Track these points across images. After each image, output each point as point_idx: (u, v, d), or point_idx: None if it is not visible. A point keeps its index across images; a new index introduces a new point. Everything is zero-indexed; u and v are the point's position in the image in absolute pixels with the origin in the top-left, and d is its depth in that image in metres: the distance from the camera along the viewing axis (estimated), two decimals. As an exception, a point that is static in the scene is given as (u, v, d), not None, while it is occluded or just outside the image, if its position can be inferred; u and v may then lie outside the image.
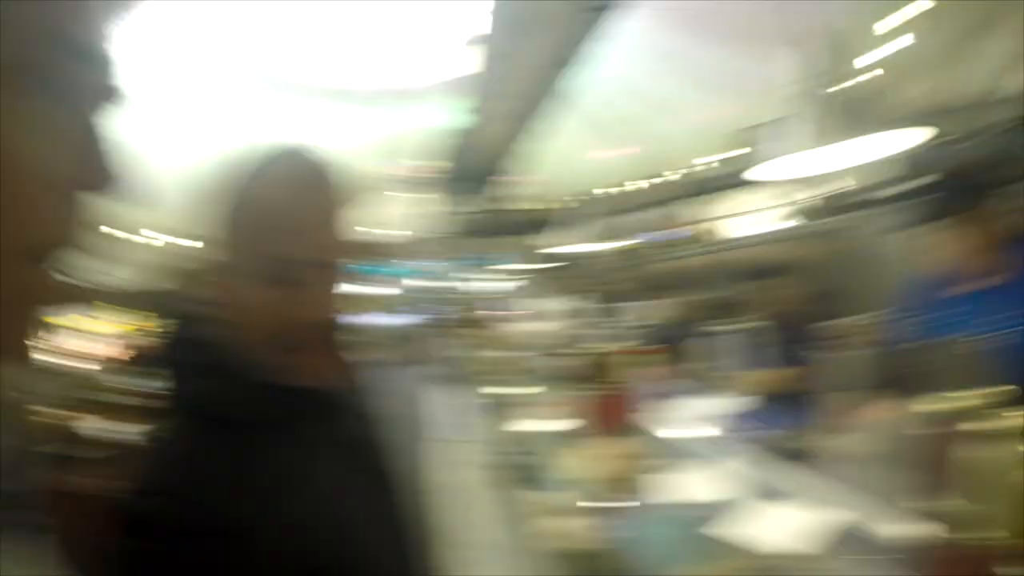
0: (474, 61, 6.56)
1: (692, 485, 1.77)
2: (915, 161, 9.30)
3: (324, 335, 0.86)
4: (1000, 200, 1.87)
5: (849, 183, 11.54)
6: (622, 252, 12.15)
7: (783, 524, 1.41)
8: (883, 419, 3.15)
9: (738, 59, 13.73)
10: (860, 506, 1.39)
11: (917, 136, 1.56)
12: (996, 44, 11.07)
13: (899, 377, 2.13)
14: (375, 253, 17.43)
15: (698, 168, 14.18)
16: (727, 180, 13.15)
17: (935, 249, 1.95)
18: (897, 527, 1.25)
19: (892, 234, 2.13)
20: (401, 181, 19.73)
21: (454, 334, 8.03)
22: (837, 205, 9.43)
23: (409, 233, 17.30)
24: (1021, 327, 1.76)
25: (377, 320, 18.06)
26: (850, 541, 1.36)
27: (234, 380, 0.83)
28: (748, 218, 13.04)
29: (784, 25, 1.67)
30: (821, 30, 1.59)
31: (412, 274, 20.95)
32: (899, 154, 1.81)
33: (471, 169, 8.96)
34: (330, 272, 0.85)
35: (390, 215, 18.62)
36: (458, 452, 5.51)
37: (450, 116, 9.82)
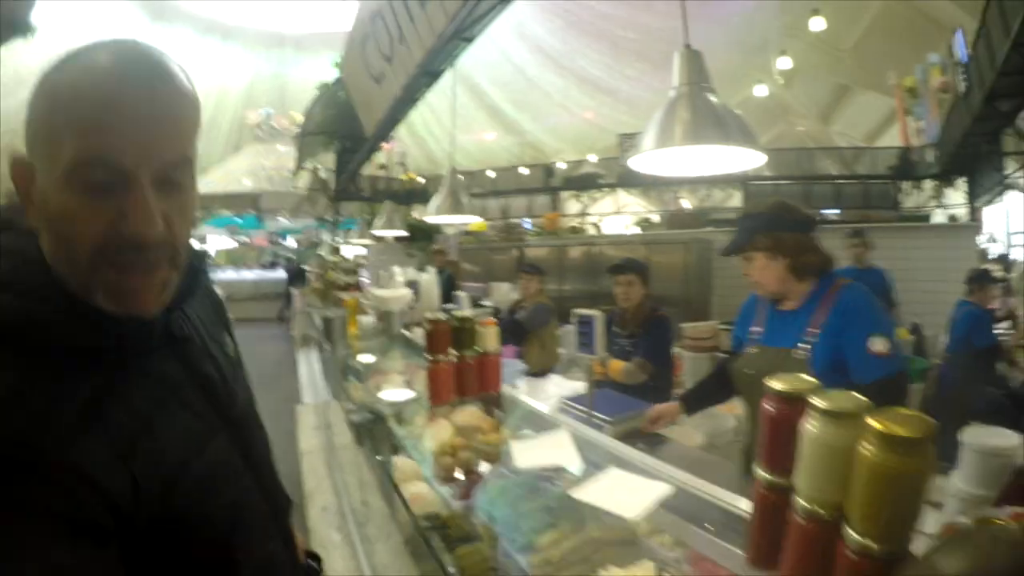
0: (355, 17, 6.33)
1: (541, 453, 1.86)
2: (755, 192, 9.96)
3: (155, 257, 0.72)
4: (801, 237, 2.16)
5: (706, 201, 12.33)
6: (489, 232, 12.28)
7: (624, 490, 1.53)
8: (722, 414, 3.45)
9: (624, 67, 14.28)
10: (696, 479, 1.53)
11: (759, 159, 1.75)
12: (873, 102, 12.16)
13: (731, 380, 2.40)
14: (233, 204, 16.61)
15: (574, 164, 14.58)
16: (601, 179, 13.65)
17: (752, 271, 2.22)
18: (731, 500, 1.41)
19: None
20: (265, 130, 18.91)
21: (317, 294, 7.80)
22: (692, 219, 10.05)
23: (270, 187, 16.63)
24: (810, 344, 2.04)
25: (235, 276, 17.25)
26: (686, 509, 1.50)
27: (50, 302, 0.71)
28: (615, 218, 13.60)
29: (670, 40, 1.80)
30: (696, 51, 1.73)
31: (271, 230, 20.22)
32: (739, 174, 2.03)
33: (342, 129, 8.68)
34: (163, 182, 0.72)
35: (251, 165, 17.80)
36: (319, 415, 5.43)
37: (327, 70, 9.49)
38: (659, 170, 1.89)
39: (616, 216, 13.51)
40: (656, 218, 11.45)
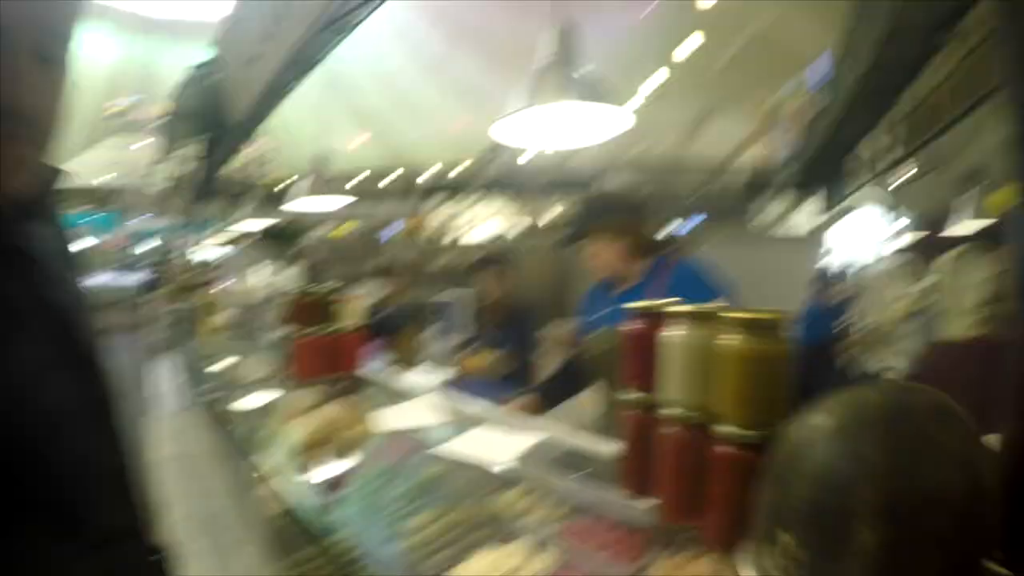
0: (230, 5, 6.13)
1: (406, 415, 1.81)
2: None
3: (16, 127, 0.67)
4: (635, 220, 2.28)
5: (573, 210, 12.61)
6: (355, 234, 12.09)
7: (492, 444, 1.51)
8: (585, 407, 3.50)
9: (503, 77, 14.41)
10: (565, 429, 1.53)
11: (626, 121, 1.80)
12: (735, 124, 12.85)
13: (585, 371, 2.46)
14: (89, 200, 15.51)
15: (444, 170, 14.64)
16: (471, 186, 13.77)
17: (590, 258, 2.32)
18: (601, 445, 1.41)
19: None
20: (129, 121, 17.73)
21: (174, 298, 7.39)
22: (560, 228, 10.29)
23: (130, 182, 15.67)
24: None
25: (92, 279, 15.92)
26: (553, 458, 1.49)
27: None
28: (484, 225, 13.71)
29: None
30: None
31: (130, 230, 18.92)
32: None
33: (210, 118, 8.32)
34: (36, 53, 0.67)
35: (110, 159, 16.67)
36: (175, 423, 5.14)
37: (196, 60, 9.10)
38: (524, 140, 1.92)
39: (485, 223, 13.65)
40: (525, 225, 11.64)
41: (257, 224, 6.54)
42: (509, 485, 1.54)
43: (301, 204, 3.78)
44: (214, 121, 8.04)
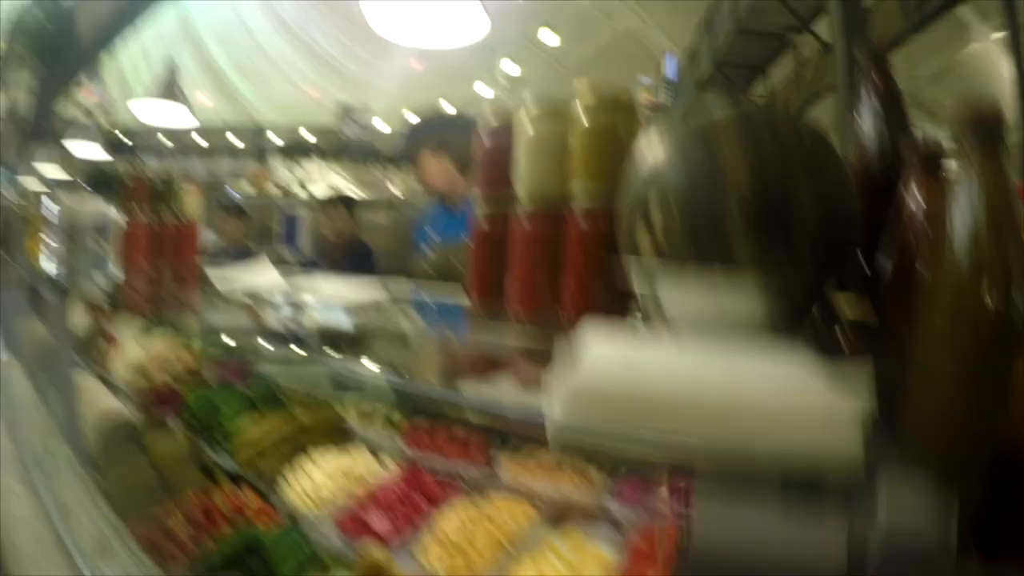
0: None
1: (243, 278, 1.71)
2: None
3: None
4: (467, 137, 2.35)
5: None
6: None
7: (335, 291, 1.48)
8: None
9: (358, 45, 14.11)
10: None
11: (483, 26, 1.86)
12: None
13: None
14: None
15: (288, 134, 14.22)
16: (315, 149, 13.44)
17: (423, 174, 2.36)
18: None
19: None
20: None
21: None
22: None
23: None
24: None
25: None
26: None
27: None
28: (324, 184, 13.41)
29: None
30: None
31: None
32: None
33: (47, 50, 7.61)
34: None
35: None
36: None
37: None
38: (389, 27, 1.91)
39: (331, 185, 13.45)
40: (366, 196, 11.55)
41: (91, 153, 6.03)
42: (352, 388, 1.52)
43: (147, 108, 3.54)
44: (55, 47, 7.33)
